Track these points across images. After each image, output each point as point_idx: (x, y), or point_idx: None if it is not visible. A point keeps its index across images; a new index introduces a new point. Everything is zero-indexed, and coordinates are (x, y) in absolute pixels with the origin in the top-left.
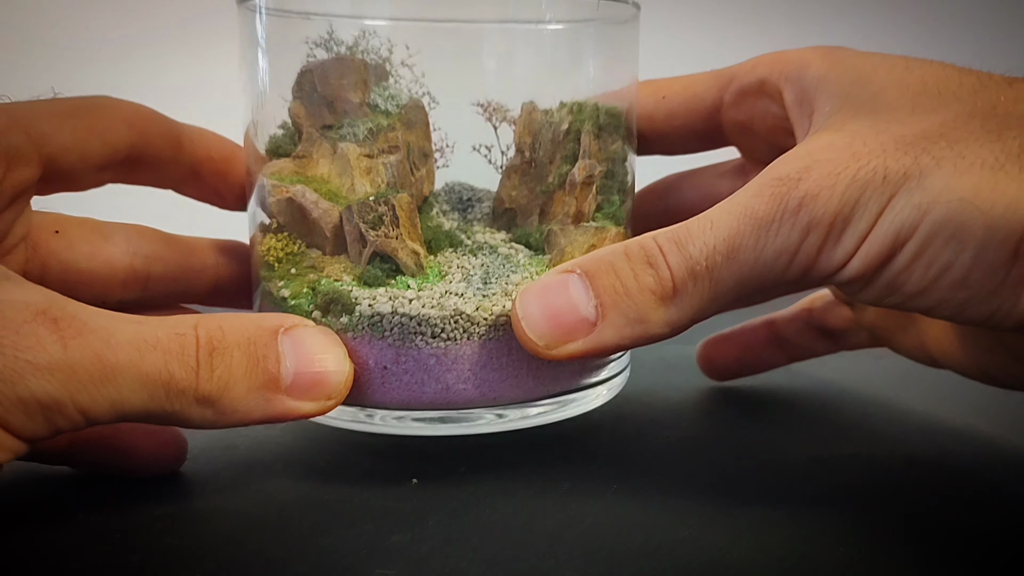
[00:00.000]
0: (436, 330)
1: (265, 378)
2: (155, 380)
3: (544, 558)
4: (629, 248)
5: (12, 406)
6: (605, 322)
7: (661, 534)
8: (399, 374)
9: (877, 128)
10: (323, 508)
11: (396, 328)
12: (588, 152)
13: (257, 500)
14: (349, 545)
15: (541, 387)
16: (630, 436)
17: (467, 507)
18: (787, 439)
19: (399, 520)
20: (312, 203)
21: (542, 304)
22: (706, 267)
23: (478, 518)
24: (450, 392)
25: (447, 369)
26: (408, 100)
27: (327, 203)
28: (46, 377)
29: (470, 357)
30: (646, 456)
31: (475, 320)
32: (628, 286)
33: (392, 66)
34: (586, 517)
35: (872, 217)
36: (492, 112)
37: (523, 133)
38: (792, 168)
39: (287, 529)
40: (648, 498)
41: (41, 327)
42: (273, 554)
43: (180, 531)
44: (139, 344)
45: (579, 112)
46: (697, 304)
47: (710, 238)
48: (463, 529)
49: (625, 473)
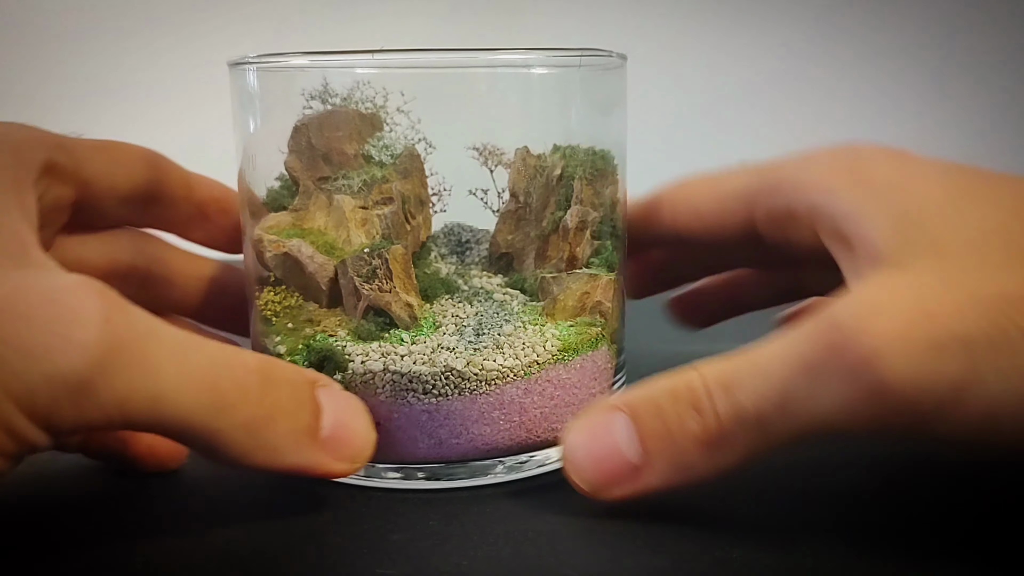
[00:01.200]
0: (427, 386)
1: (308, 424)
2: (203, 386)
3: (545, 557)
4: (676, 388)
5: (36, 386)
6: (648, 468)
7: (662, 532)
8: (392, 431)
9: (946, 281)
10: (323, 508)
11: (388, 385)
12: (580, 198)
13: (257, 500)
14: (349, 545)
15: (534, 438)
16: None
17: (467, 506)
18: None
19: (399, 519)
20: (308, 257)
21: (587, 447)
22: (755, 416)
23: (478, 517)
24: (443, 447)
25: (439, 425)
26: (403, 149)
27: (323, 257)
28: (79, 353)
29: (461, 412)
30: None
31: (466, 376)
32: (673, 431)
33: (388, 114)
34: (587, 516)
35: (952, 387)
36: (488, 156)
37: (517, 178)
38: (852, 316)
39: (287, 529)
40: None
41: (84, 294)
42: (273, 554)
43: (180, 531)
44: (188, 345)
45: (571, 157)
46: (745, 451)
47: (760, 385)
48: (463, 529)
49: None
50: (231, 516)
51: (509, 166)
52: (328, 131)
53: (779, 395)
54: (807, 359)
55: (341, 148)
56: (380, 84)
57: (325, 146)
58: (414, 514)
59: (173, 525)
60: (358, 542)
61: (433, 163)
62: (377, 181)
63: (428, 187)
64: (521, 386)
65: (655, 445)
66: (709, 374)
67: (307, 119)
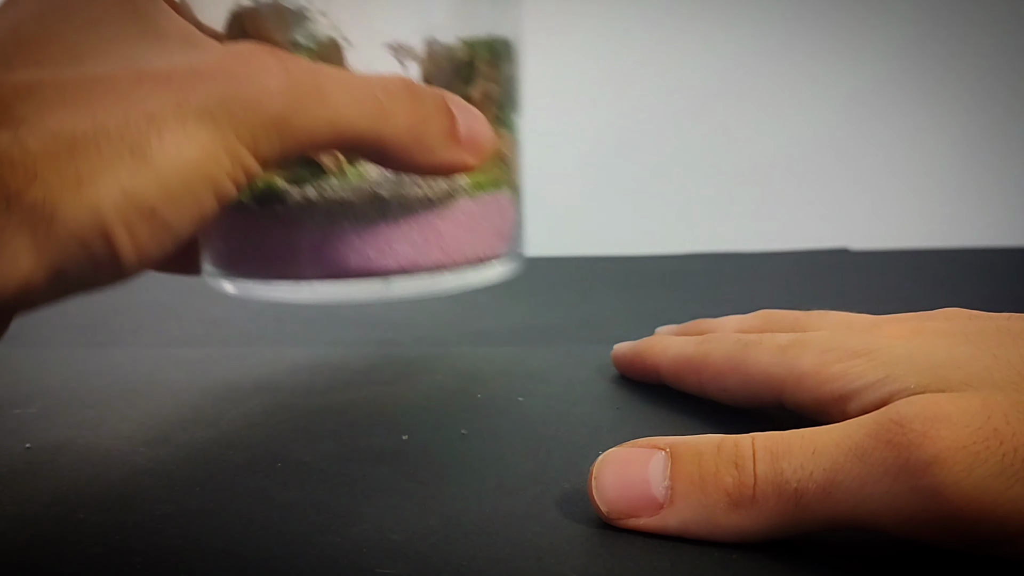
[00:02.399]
0: (358, 211)
1: (449, 126)
2: (365, 101)
3: (546, 556)
4: (724, 443)
5: (258, 129)
6: (671, 508)
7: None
8: (328, 250)
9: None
10: (323, 508)
11: (323, 212)
12: (484, 75)
13: (257, 500)
14: (349, 544)
15: (449, 260)
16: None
17: (468, 506)
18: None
19: (399, 519)
20: None
21: (618, 474)
22: (795, 490)
23: (479, 517)
24: (371, 263)
25: (367, 244)
26: (326, 39)
27: None
28: (278, 99)
29: (387, 233)
30: None
31: (390, 203)
32: (705, 479)
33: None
34: (589, 515)
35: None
36: (399, 51)
37: (429, 66)
38: (917, 418)
39: (287, 529)
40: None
41: (263, 53)
42: (273, 554)
43: (180, 531)
44: (345, 74)
45: (474, 46)
46: (773, 523)
47: (809, 463)
48: (463, 528)
49: None
50: (231, 516)
51: (420, 59)
52: (259, 20)
53: (825, 476)
54: (863, 449)
55: (271, 36)
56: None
57: (256, 33)
58: (414, 513)
59: (173, 525)
60: (358, 542)
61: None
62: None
63: None
64: (437, 213)
65: (684, 488)
66: (760, 439)
67: (240, 9)
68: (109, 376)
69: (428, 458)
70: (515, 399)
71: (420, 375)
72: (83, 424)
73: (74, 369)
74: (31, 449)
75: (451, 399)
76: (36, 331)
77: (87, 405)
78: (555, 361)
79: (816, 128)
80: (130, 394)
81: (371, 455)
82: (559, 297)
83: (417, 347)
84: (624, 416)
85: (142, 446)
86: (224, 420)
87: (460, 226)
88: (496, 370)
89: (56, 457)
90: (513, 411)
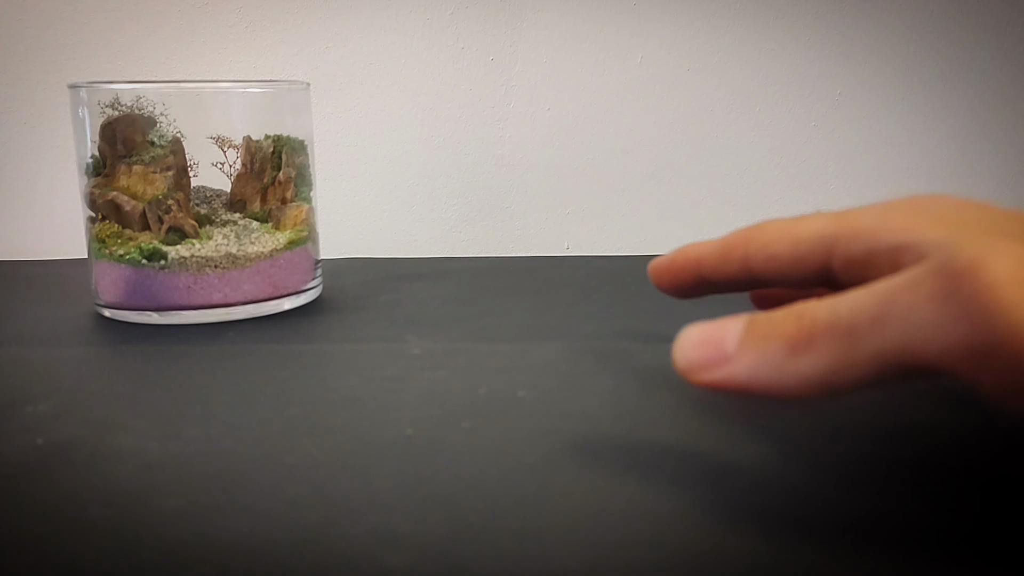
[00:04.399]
0: (216, 264)
1: None
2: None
3: (549, 550)
4: (795, 305)
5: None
6: (738, 358)
7: (669, 526)
8: (196, 290)
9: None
10: (327, 502)
11: (193, 265)
12: (287, 164)
13: (259, 497)
14: (356, 537)
15: (278, 292)
16: (637, 430)
17: (471, 500)
18: (795, 429)
19: (403, 512)
20: (125, 201)
21: (700, 334)
22: (848, 324)
23: (482, 510)
24: (228, 298)
25: (225, 285)
26: (172, 137)
27: (134, 201)
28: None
29: (237, 278)
30: (654, 448)
31: (239, 256)
32: (769, 330)
33: (157, 117)
34: (592, 509)
35: None
36: (221, 142)
37: (245, 154)
38: (971, 250)
39: (290, 525)
40: (657, 490)
41: None
42: (275, 551)
43: (182, 530)
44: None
45: (278, 141)
46: (829, 360)
47: (863, 299)
48: (467, 521)
49: (632, 465)
50: (233, 513)
51: (237, 147)
52: (123, 126)
53: (877, 307)
54: (916, 280)
55: (132, 137)
56: (153, 98)
57: (122, 136)
58: (419, 506)
59: (174, 524)
60: (363, 535)
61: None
62: (160, 157)
63: (188, 161)
64: (268, 262)
65: (750, 340)
66: (829, 298)
67: (109, 119)
68: (120, 373)
69: (432, 452)
70: (516, 394)
71: (424, 371)
72: (94, 421)
73: (85, 367)
74: (43, 445)
75: (454, 394)
76: (50, 330)
77: (98, 402)
78: (555, 357)
79: (810, 129)
80: (141, 391)
81: (376, 449)
82: (559, 297)
83: (420, 344)
84: (624, 410)
85: (153, 441)
86: (235, 415)
87: (283, 270)
88: (498, 366)
89: (68, 453)
90: (514, 406)
